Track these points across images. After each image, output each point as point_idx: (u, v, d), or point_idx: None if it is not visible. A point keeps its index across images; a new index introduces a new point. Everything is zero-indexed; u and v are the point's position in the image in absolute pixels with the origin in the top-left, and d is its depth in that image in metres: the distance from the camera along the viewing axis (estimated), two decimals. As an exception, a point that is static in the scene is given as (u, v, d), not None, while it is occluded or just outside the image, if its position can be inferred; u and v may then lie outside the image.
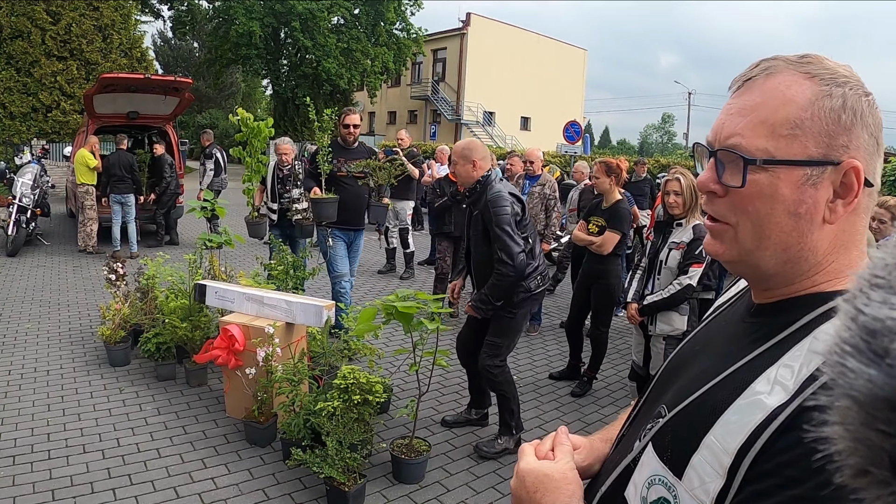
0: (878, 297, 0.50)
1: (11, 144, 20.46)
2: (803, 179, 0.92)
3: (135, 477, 4.31)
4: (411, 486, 4.35)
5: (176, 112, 13.40)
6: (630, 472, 1.05)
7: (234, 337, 4.93)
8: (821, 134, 0.91)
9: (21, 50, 22.51)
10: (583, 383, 6.24)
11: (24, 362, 6.27)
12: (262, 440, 4.82)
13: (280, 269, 6.27)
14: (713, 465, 0.87)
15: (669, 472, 0.95)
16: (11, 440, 4.74)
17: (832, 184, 0.92)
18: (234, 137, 6.79)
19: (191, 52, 55.63)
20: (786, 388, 0.83)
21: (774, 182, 0.93)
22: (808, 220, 0.93)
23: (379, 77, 36.88)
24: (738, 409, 0.87)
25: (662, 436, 1.00)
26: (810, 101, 0.92)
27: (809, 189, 0.92)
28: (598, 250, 5.88)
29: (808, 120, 0.92)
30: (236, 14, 32.09)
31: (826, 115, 0.91)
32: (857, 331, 0.50)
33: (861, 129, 0.92)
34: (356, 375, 4.23)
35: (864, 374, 0.48)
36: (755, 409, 0.84)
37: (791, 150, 0.92)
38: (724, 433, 0.87)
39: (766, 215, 0.95)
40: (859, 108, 0.92)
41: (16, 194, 11.38)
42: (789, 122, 0.92)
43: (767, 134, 0.94)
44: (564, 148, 20.25)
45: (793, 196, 0.93)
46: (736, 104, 0.99)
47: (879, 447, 0.48)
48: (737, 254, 1.01)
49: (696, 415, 0.94)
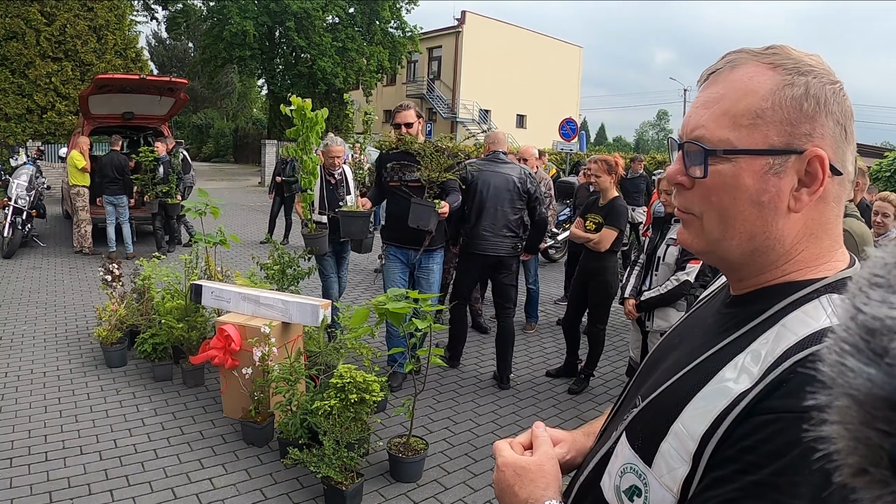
0: (877, 296, 0.50)
1: (6, 146, 20.42)
2: (766, 168, 0.92)
3: (132, 478, 4.31)
4: (409, 485, 4.35)
5: (171, 112, 13.39)
6: (606, 463, 1.07)
7: (230, 337, 4.93)
8: (782, 123, 0.91)
9: (16, 51, 22.50)
10: (580, 380, 6.24)
11: (21, 364, 6.25)
12: (260, 440, 4.82)
13: (276, 269, 6.26)
14: (679, 452, 0.88)
15: (640, 460, 0.96)
16: (8, 442, 4.73)
17: (797, 172, 0.92)
18: (287, 133, 6.00)
19: (185, 53, 55.59)
20: (750, 375, 0.84)
21: (737, 172, 0.93)
22: (771, 209, 0.93)
23: (374, 76, 36.82)
24: (704, 396, 0.88)
25: (635, 425, 1.01)
26: (771, 91, 0.92)
27: (772, 178, 0.92)
28: (596, 247, 5.88)
29: (768, 109, 0.92)
30: (230, 14, 32.02)
31: (787, 103, 0.91)
32: (857, 330, 0.50)
33: (825, 118, 0.92)
34: (353, 374, 4.22)
35: (863, 373, 0.48)
36: (721, 396, 0.85)
37: (752, 140, 0.92)
38: (690, 419, 0.88)
39: (729, 205, 0.95)
40: (822, 96, 0.92)
41: (11, 196, 11.35)
42: (750, 112, 0.93)
43: (729, 125, 0.94)
44: (560, 145, 20.24)
45: (755, 185, 0.93)
46: (702, 97, 1.00)
47: (878, 446, 0.48)
48: (704, 244, 1.01)
49: (665, 403, 0.96)
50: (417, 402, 4.56)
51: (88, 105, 12.06)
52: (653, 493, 0.93)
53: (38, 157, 16.24)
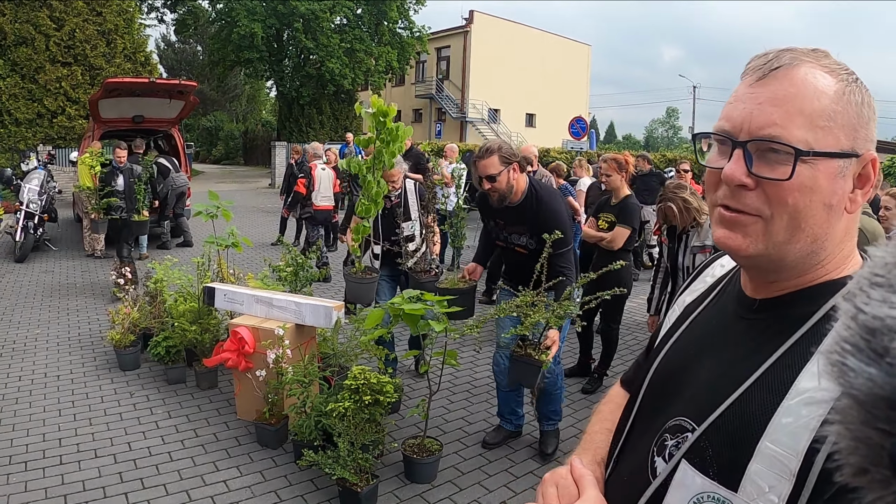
0: (877, 296, 0.50)
1: (17, 151, 20.51)
2: (837, 171, 0.93)
3: (147, 481, 4.32)
4: (423, 486, 4.34)
5: (181, 115, 13.43)
6: (661, 498, 1.02)
7: (243, 339, 4.93)
8: (848, 127, 0.93)
9: (25, 56, 22.60)
10: (593, 380, 6.22)
11: (35, 367, 6.28)
12: (274, 442, 4.82)
13: (289, 271, 6.26)
14: (777, 471, 0.85)
15: (721, 486, 0.92)
16: (23, 445, 4.74)
17: (853, 175, 0.95)
18: (357, 142, 5.23)
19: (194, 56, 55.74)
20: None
21: (815, 174, 0.93)
22: (837, 211, 0.95)
23: (383, 76, 36.88)
24: (789, 411, 0.86)
25: (700, 451, 0.96)
26: (839, 95, 0.93)
27: (840, 181, 0.94)
28: (609, 246, 5.86)
29: (840, 113, 0.93)
30: (238, 16, 32.11)
31: (853, 108, 0.94)
32: (857, 329, 0.50)
33: (872, 124, 0.96)
34: (367, 376, 4.22)
35: (863, 372, 0.49)
36: (811, 408, 0.84)
37: (828, 142, 0.93)
38: (781, 437, 0.85)
39: (804, 207, 0.94)
40: (872, 104, 0.96)
41: (23, 200, 11.39)
42: (825, 114, 0.93)
43: (806, 125, 0.93)
44: (570, 144, 20.20)
45: (829, 187, 0.93)
46: (764, 93, 0.96)
47: (879, 446, 0.48)
48: (764, 247, 0.97)
49: (737, 424, 0.92)
50: (431, 403, 4.55)
51: (98, 109, 12.10)
52: None
53: (48, 161, 16.31)
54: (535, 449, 4.93)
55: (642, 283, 9.85)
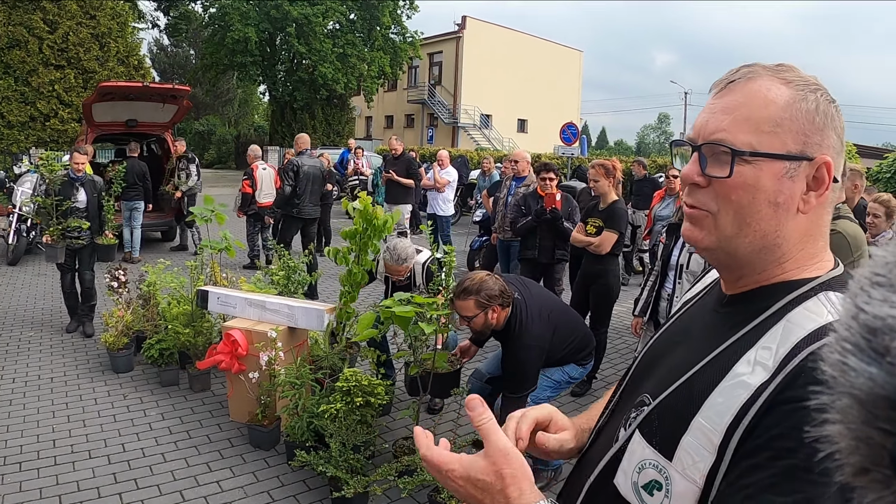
0: (878, 296, 0.50)
1: (10, 153, 20.51)
2: (782, 172, 1.01)
3: (140, 481, 4.36)
4: (414, 487, 4.38)
5: (174, 119, 13.44)
6: (618, 461, 1.11)
7: (237, 342, 4.98)
8: (798, 132, 1.01)
9: (18, 59, 22.63)
10: (582, 383, 6.28)
11: (28, 370, 6.31)
12: (267, 443, 4.87)
13: (281, 274, 6.30)
14: (703, 445, 0.94)
15: (660, 455, 1.01)
16: (17, 447, 4.78)
17: (806, 178, 1.01)
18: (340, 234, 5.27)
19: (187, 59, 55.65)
20: (766, 368, 0.91)
21: (757, 174, 1.01)
22: (784, 210, 1.02)
23: (375, 81, 36.85)
24: (722, 391, 0.94)
25: (649, 423, 1.06)
26: (788, 104, 1.01)
27: (787, 181, 1.01)
28: (597, 250, 5.92)
29: (787, 119, 1.01)
30: (232, 20, 32.08)
31: (803, 116, 1.01)
32: (858, 329, 0.50)
33: (830, 131, 1.02)
34: (358, 378, 4.27)
35: (864, 372, 0.48)
36: (739, 389, 0.92)
37: (772, 145, 1.01)
38: (711, 414, 0.94)
39: (747, 204, 1.02)
40: (829, 112, 1.02)
41: (15, 203, 11.40)
42: (771, 120, 1.01)
43: (751, 130, 1.01)
44: (561, 150, 20.27)
45: (773, 187, 1.01)
46: (720, 103, 1.06)
47: (880, 446, 0.48)
48: (715, 240, 1.07)
49: (681, 400, 1.01)
50: (422, 405, 4.60)
51: (92, 113, 12.11)
52: (675, 485, 0.98)
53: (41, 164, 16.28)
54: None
55: (633, 287, 9.92)
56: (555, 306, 4.59)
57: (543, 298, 4.58)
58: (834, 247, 1.10)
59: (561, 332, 4.40)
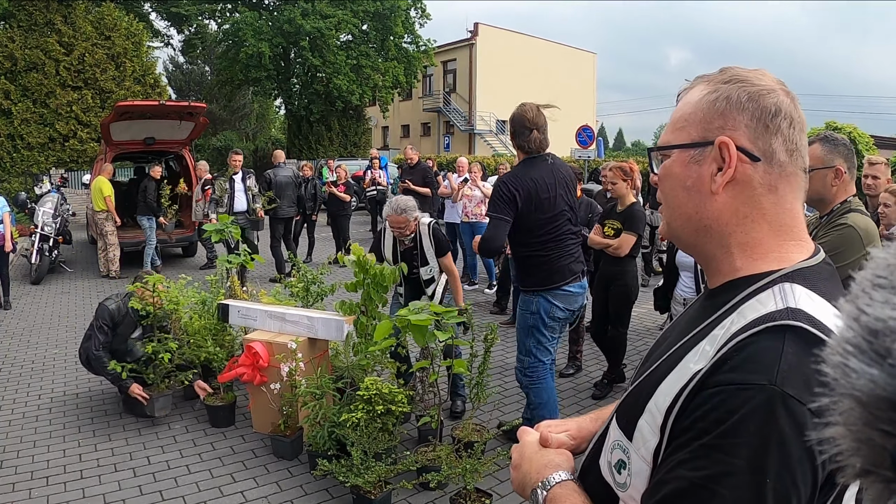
0: (880, 298, 0.51)
1: (31, 174, 20.74)
2: (688, 159, 1.13)
3: (166, 493, 4.40)
4: (436, 493, 4.39)
5: (192, 136, 13.55)
6: (602, 443, 1.21)
7: (258, 354, 5.02)
8: (700, 122, 1.12)
9: (36, 82, 22.94)
10: (602, 385, 6.27)
11: (54, 386, 6.39)
12: (289, 453, 4.90)
13: (300, 287, 6.33)
14: (651, 426, 1.02)
15: (624, 436, 1.10)
16: (44, 461, 4.85)
17: (714, 160, 1.09)
18: (344, 286, 5.25)
19: (202, 76, 56.00)
20: (706, 356, 0.98)
21: (670, 164, 1.16)
22: (696, 192, 1.12)
23: (390, 91, 36.93)
24: (671, 377, 1.02)
25: (623, 407, 1.15)
26: (697, 100, 1.13)
27: (694, 166, 1.12)
28: (615, 253, 5.92)
29: (692, 114, 1.13)
30: (245, 36, 32.28)
31: (705, 106, 1.12)
32: (860, 331, 0.51)
33: (738, 113, 1.08)
34: (379, 386, 4.30)
35: (866, 374, 0.49)
36: (683, 375, 0.99)
37: (680, 138, 1.14)
38: (660, 398, 1.02)
39: (669, 191, 1.18)
40: (735, 97, 1.09)
41: (37, 223, 11.57)
42: (682, 118, 1.15)
43: (670, 130, 1.18)
44: (578, 153, 20.24)
45: (682, 173, 1.14)
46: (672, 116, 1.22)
47: (881, 447, 0.49)
48: (666, 230, 1.23)
49: (644, 385, 1.09)
50: (442, 412, 4.61)
51: (110, 132, 12.25)
52: (633, 464, 1.06)
53: (62, 184, 16.49)
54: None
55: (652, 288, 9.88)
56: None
57: None
58: (845, 241, 1.12)
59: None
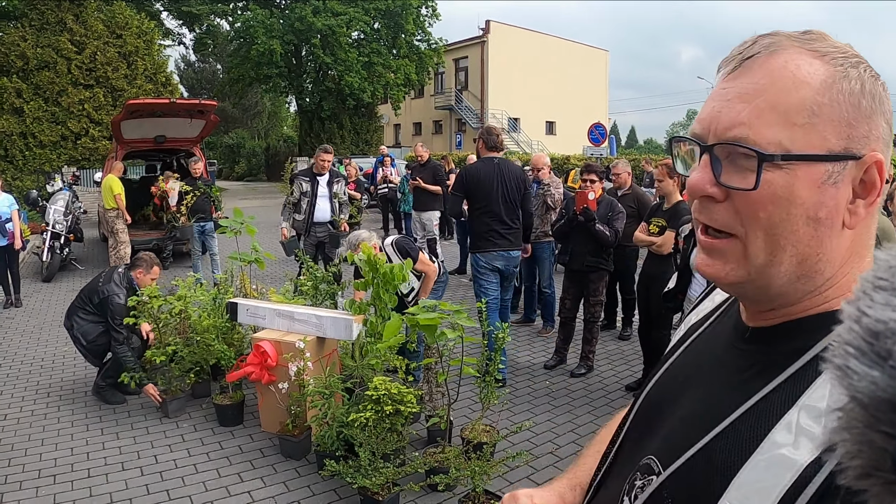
0: (881, 300, 0.50)
1: (43, 172, 20.82)
2: (824, 178, 0.76)
3: (173, 492, 4.39)
4: (445, 494, 4.35)
5: (203, 134, 13.54)
6: None
7: (266, 353, 4.99)
8: (840, 123, 0.76)
9: (48, 80, 23.05)
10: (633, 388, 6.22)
11: (63, 384, 6.40)
12: (297, 453, 4.87)
13: (309, 285, 6.31)
14: None
15: None
16: (52, 459, 4.84)
17: (852, 181, 0.77)
18: (354, 286, 5.30)
19: (214, 74, 56.26)
20: (814, 438, 0.68)
21: (791, 181, 0.76)
22: (828, 227, 0.78)
23: (402, 89, 37.03)
24: (756, 467, 0.73)
25: (659, 500, 0.85)
26: (827, 84, 0.77)
27: (830, 189, 0.77)
28: (658, 251, 5.89)
29: (826, 105, 0.76)
30: (257, 34, 32.42)
31: (846, 99, 0.76)
32: (861, 333, 0.50)
33: (879, 117, 0.78)
34: (387, 386, 4.26)
35: (867, 375, 0.48)
36: (781, 469, 0.69)
37: (809, 143, 0.76)
38: (743, 496, 0.72)
39: (780, 222, 0.78)
40: (877, 93, 0.78)
41: (49, 221, 11.61)
42: (805, 107, 0.76)
43: (780, 123, 0.76)
44: (590, 150, 20.19)
45: (812, 198, 0.77)
46: (734, 88, 0.81)
47: (883, 449, 0.48)
48: (745, 273, 0.82)
49: (699, 474, 0.80)
50: (452, 413, 4.58)
51: (121, 130, 12.26)
52: None
53: (73, 182, 16.55)
54: (558, 468, 4.93)
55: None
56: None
57: None
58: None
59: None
